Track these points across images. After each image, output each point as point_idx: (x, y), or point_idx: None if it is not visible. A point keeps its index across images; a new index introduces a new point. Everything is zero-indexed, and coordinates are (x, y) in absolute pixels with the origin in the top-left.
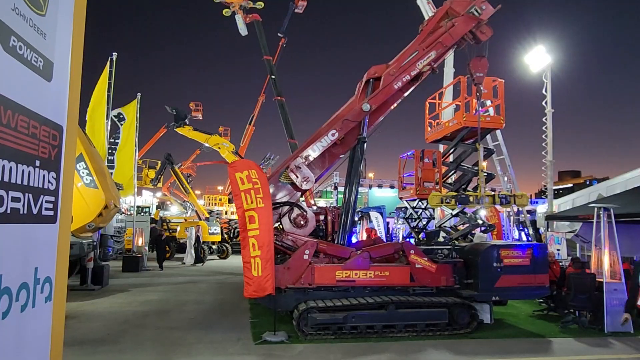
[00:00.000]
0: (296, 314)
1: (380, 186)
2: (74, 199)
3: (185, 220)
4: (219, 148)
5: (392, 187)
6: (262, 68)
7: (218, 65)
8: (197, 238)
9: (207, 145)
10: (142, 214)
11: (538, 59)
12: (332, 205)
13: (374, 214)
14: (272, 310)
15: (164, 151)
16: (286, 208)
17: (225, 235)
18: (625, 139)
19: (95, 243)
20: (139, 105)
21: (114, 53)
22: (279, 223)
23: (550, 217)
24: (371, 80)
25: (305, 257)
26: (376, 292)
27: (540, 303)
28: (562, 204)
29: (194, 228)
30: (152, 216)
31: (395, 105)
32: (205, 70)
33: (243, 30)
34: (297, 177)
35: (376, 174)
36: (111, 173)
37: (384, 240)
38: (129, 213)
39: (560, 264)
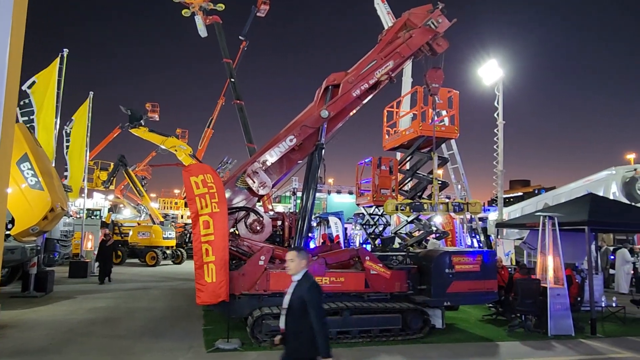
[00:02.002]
0: (250, 320)
1: (339, 192)
2: (17, 201)
3: (138, 224)
4: (176, 151)
5: (350, 193)
6: (223, 71)
7: (177, 66)
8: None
9: (163, 147)
10: (92, 217)
11: (491, 72)
12: (289, 210)
13: (333, 219)
14: (226, 317)
15: (117, 153)
16: (242, 213)
17: (181, 240)
18: (572, 151)
19: (39, 247)
20: (91, 105)
21: (64, 49)
22: (234, 228)
23: (500, 225)
24: (330, 87)
25: (261, 263)
26: (331, 298)
27: (489, 308)
28: (512, 212)
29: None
30: (104, 219)
31: (353, 112)
32: (163, 71)
33: (203, 32)
34: (254, 182)
35: (335, 179)
36: (66, 175)
37: (343, 245)
38: (77, 216)
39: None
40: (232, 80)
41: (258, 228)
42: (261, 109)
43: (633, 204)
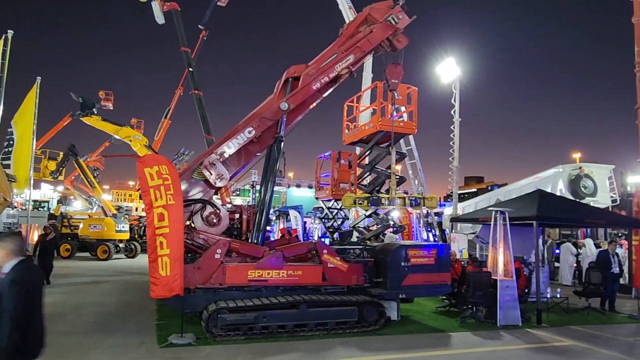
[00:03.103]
0: (205, 314)
1: (298, 186)
2: None
3: (90, 216)
4: (131, 141)
5: (310, 187)
6: (181, 60)
7: (134, 54)
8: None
9: (117, 137)
10: (39, 209)
11: (448, 70)
12: (248, 203)
13: (292, 213)
14: (180, 312)
15: (68, 142)
16: (198, 205)
17: (135, 233)
18: (524, 149)
19: None
20: (38, 90)
21: (9, 31)
22: (190, 221)
23: (455, 219)
24: (290, 79)
25: (217, 256)
26: (289, 292)
27: (442, 300)
28: (467, 207)
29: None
30: (52, 211)
31: (314, 105)
32: (119, 58)
33: (160, 19)
34: (211, 174)
35: (296, 173)
36: (9, 165)
37: (301, 239)
38: (23, 208)
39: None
40: (191, 69)
41: (215, 221)
42: (221, 100)
43: (578, 200)
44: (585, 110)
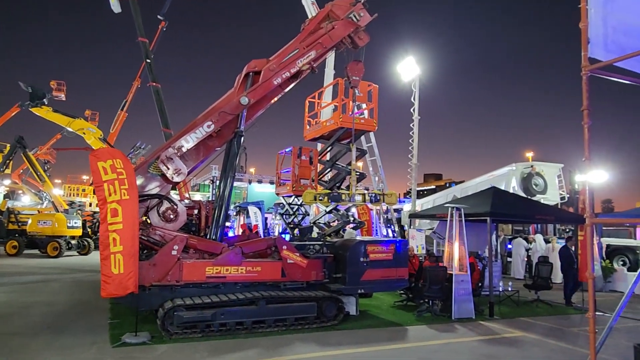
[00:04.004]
0: (161, 312)
1: (260, 181)
2: None
3: (39, 212)
4: (84, 133)
5: (271, 182)
6: (140, 51)
7: (90, 44)
8: None
9: (69, 129)
10: None
11: (408, 69)
12: (207, 199)
13: (252, 209)
14: (134, 310)
15: (16, 133)
16: (155, 201)
17: (89, 229)
18: (481, 147)
19: None
20: None
21: None
22: (146, 217)
23: (413, 215)
24: (251, 73)
25: (174, 252)
26: (247, 288)
27: (400, 294)
28: (425, 204)
29: None
30: None
31: (275, 100)
32: (73, 48)
33: (116, 7)
34: (168, 168)
35: (257, 169)
36: None
37: (262, 235)
38: None
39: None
40: (148, 61)
41: (171, 217)
42: (180, 93)
43: (529, 197)
44: (539, 111)
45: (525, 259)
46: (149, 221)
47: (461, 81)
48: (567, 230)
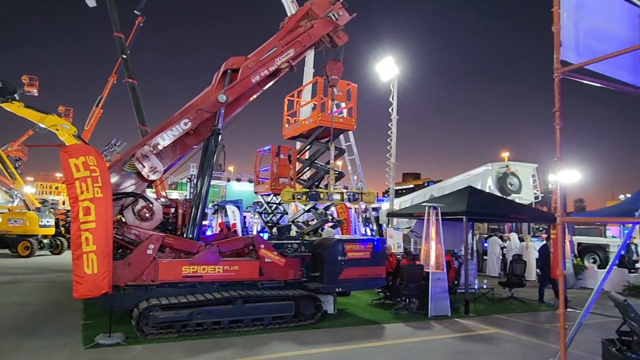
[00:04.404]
0: (136, 312)
1: (239, 180)
2: None
3: (10, 210)
4: (57, 130)
5: (250, 181)
6: (116, 46)
7: (64, 39)
8: None
9: (42, 125)
10: None
11: (387, 68)
12: (185, 197)
13: (231, 208)
14: (109, 311)
15: None
16: (130, 199)
17: (62, 228)
18: (459, 146)
19: None
20: None
21: None
22: (120, 215)
23: (391, 214)
24: (229, 71)
25: (149, 252)
26: (224, 287)
27: (378, 292)
28: (403, 203)
29: None
30: None
31: (253, 98)
32: (47, 42)
33: (90, 1)
34: (144, 166)
35: (236, 167)
36: None
37: (240, 234)
38: None
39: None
40: (124, 56)
41: (147, 215)
42: (158, 90)
43: (504, 196)
44: (515, 111)
45: (500, 257)
46: (123, 220)
47: (440, 81)
48: (541, 229)
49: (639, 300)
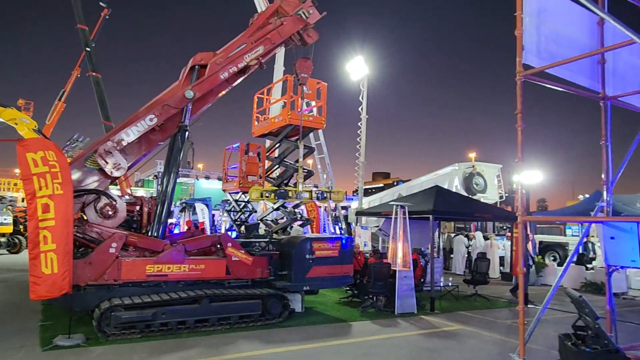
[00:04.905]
0: (97, 313)
1: (207, 177)
2: None
3: None
4: (16, 124)
5: (219, 179)
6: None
7: (24, 26)
8: None
9: (0, 119)
10: None
11: (357, 68)
12: (151, 195)
13: (199, 206)
14: (69, 311)
15: None
16: (92, 196)
17: (21, 226)
18: (429, 146)
19: None
20: None
21: None
22: (82, 213)
23: (360, 213)
24: (196, 66)
25: (112, 250)
26: (190, 286)
27: (346, 291)
28: (372, 201)
29: None
30: None
31: (222, 94)
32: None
33: None
34: (107, 163)
35: (205, 164)
36: None
37: (209, 232)
38: None
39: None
40: (88, 49)
41: (110, 213)
42: (124, 84)
43: (470, 196)
44: (482, 112)
45: (466, 256)
46: (85, 217)
47: (409, 81)
48: (505, 228)
49: (595, 296)
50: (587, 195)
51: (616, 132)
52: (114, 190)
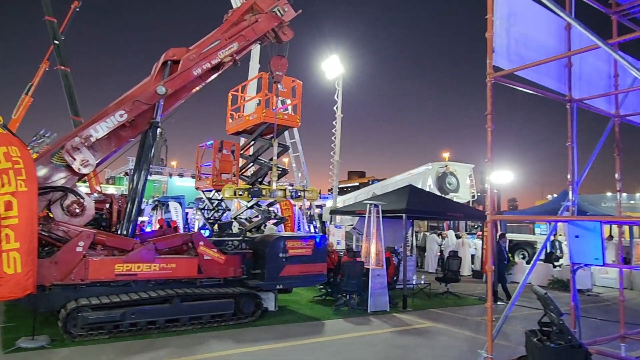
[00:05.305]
0: (63, 313)
1: (181, 175)
2: None
3: None
4: None
5: (193, 176)
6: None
7: None
8: None
9: None
10: None
11: (333, 67)
12: (123, 192)
13: (173, 204)
14: (33, 312)
15: None
16: (58, 194)
17: None
18: (404, 145)
19: None
20: None
21: None
22: (48, 211)
23: (334, 212)
24: (169, 62)
25: (79, 249)
26: (161, 286)
27: (320, 289)
28: (347, 200)
29: None
30: None
31: (195, 91)
32: None
33: None
34: (74, 159)
35: (179, 162)
36: None
37: (182, 231)
38: None
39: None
40: (56, 42)
41: (77, 211)
42: (94, 79)
43: (443, 195)
44: (456, 112)
45: (438, 254)
46: (51, 215)
47: (385, 80)
48: (476, 226)
49: (562, 293)
50: (555, 195)
51: (585, 134)
52: (83, 188)
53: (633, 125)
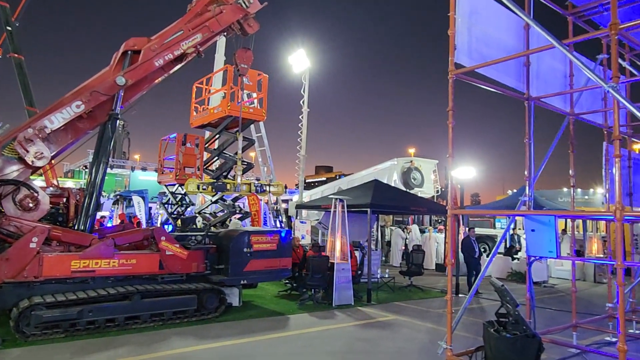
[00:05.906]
0: (15, 312)
1: (144, 169)
2: None
3: None
4: None
5: (156, 170)
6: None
7: None
8: None
9: None
10: None
11: (299, 61)
12: (81, 186)
13: (136, 199)
14: None
15: None
16: (9, 187)
17: None
18: (372, 141)
19: None
20: None
21: None
22: None
23: (300, 206)
24: (129, 52)
25: (32, 245)
26: (120, 282)
27: (285, 284)
28: (314, 195)
29: None
30: None
31: (158, 81)
32: None
33: None
34: (27, 151)
35: (142, 155)
36: None
37: (145, 226)
38: None
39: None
40: (9, 28)
41: (30, 205)
42: (51, 68)
43: (408, 190)
44: (421, 108)
45: (403, 248)
46: (2, 210)
47: (353, 76)
48: (440, 221)
49: (520, 285)
50: (515, 190)
51: (544, 131)
52: (38, 182)
53: (587, 123)
